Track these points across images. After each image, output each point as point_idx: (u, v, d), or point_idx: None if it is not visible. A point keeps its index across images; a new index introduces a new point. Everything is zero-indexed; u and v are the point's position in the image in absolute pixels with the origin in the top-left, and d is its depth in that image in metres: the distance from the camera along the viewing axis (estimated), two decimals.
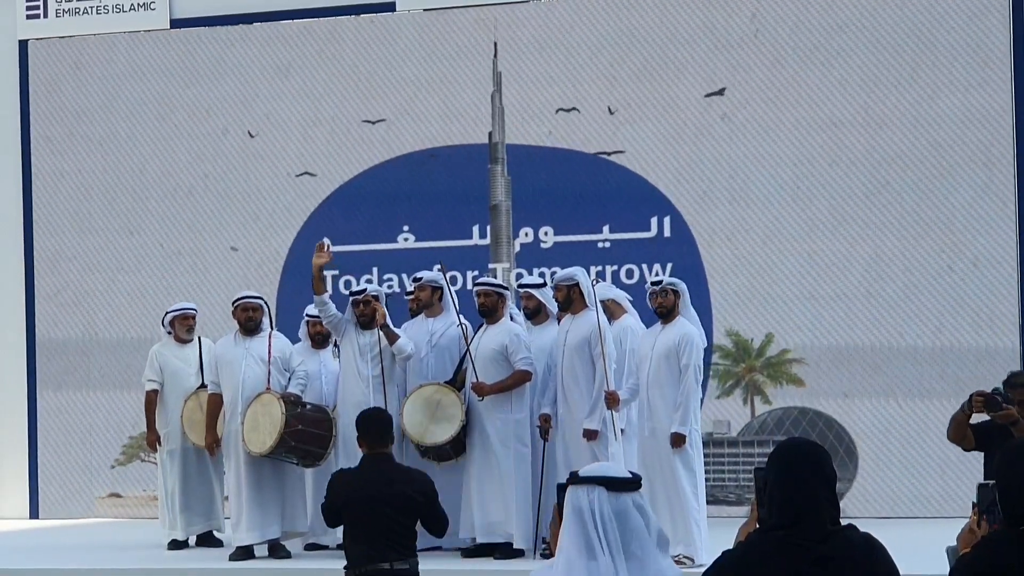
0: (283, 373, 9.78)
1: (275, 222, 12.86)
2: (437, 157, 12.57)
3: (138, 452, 12.85)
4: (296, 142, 12.88)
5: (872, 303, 11.62)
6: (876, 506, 11.45)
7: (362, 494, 6.54)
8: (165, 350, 10.56)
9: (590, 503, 3.39)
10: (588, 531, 3.36)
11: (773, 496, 3.53)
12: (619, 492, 3.41)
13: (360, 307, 9.52)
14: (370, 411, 7.05)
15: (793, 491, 3.52)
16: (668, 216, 12.03)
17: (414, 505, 6.59)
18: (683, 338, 8.90)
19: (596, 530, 3.36)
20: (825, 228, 11.73)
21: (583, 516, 3.38)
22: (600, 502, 3.38)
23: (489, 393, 9.24)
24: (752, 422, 11.83)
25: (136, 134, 13.16)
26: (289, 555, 9.70)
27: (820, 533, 3.50)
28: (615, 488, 3.41)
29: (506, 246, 12.34)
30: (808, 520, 3.49)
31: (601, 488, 3.40)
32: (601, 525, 3.36)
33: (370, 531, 6.51)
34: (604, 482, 3.41)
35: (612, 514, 3.38)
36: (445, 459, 9.38)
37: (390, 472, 6.68)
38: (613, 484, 3.41)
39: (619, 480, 3.43)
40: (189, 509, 10.33)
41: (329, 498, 6.72)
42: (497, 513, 9.17)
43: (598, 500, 3.39)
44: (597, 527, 3.36)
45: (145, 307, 12.80)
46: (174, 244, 13.02)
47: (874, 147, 11.68)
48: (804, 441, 3.73)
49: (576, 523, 3.38)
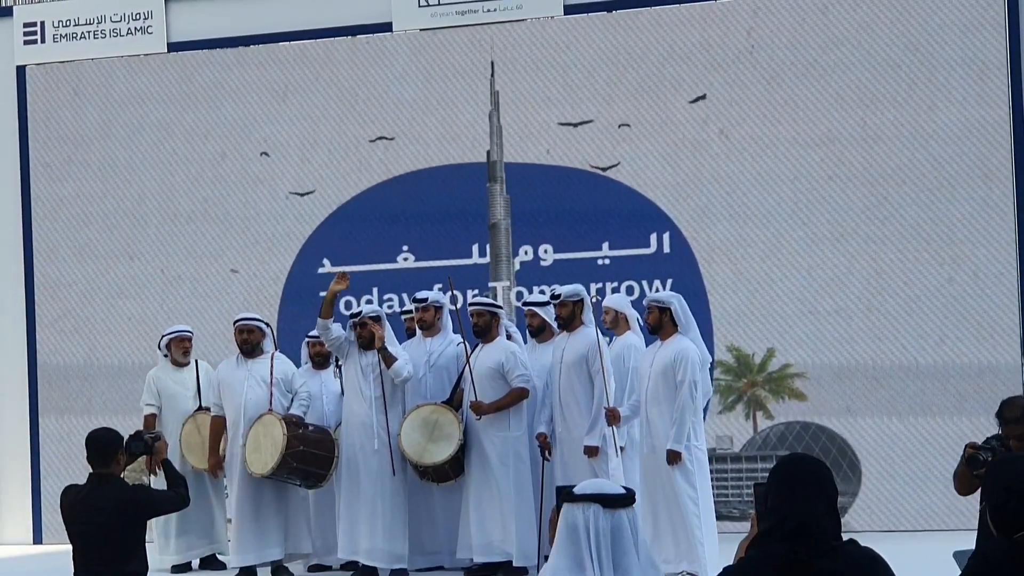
0: (285, 395, 9.77)
1: (275, 244, 12.86)
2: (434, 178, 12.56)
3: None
4: (294, 164, 12.88)
5: (873, 317, 11.61)
6: (880, 520, 11.42)
7: (81, 509, 6.62)
8: (162, 374, 10.55)
9: (585, 520, 3.40)
10: (580, 548, 3.38)
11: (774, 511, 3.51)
12: (614, 509, 3.42)
13: (359, 329, 9.51)
14: (94, 432, 6.89)
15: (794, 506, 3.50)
16: (668, 232, 12.03)
17: (126, 517, 6.59)
18: (679, 354, 8.88)
19: (589, 547, 3.37)
20: (825, 243, 11.72)
21: (577, 533, 3.39)
22: (595, 519, 3.40)
23: (487, 412, 9.22)
24: (755, 437, 11.80)
25: (135, 159, 13.16)
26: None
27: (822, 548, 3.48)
28: (610, 505, 3.42)
29: (506, 264, 12.33)
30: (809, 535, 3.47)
31: (597, 506, 3.41)
32: (595, 542, 3.37)
33: (84, 547, 6.61)
34: (600, 499, 3.42)
35: (608, 531, 3.37)
36: (444, 480, 9.37)
37: (111, 492, 6.63)
38: (608, 501, 3.42)
39: (614, 497, 3.43)
40: (187, 533, 10.30)
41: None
42: (495, 532, 9.15)
43: (593, 517, 3.40)
44: (591, 544, 3.37)
45: (146, 332, 12.78)
46: (175, 269, 13.02)
47: (872, 162, 11.68)
48: (805, 456, 3.71)
49: (569, 540, 3.39)
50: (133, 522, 6.64)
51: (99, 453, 6.69)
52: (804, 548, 3.43)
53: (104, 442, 6.72)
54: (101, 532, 6.56)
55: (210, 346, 11.83)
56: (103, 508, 6.56)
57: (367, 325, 9.44)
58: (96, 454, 6.70)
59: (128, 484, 6.79)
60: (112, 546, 6.56)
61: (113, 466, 6.68)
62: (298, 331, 11.16)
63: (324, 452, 9.47)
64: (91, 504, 6.60)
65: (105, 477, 6.65)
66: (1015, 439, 6.55)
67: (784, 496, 3.52)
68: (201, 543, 10.37)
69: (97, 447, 6.71)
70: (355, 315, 9.64)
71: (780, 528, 3.47)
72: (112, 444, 6.71)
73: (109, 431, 6.84)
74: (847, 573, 3.47)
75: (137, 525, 6.65)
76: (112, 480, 6.66)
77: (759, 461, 11.69)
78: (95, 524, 6.56)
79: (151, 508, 6.81)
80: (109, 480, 6.65)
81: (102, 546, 6.56)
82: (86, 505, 6.62)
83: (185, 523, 10.26)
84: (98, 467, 6.69)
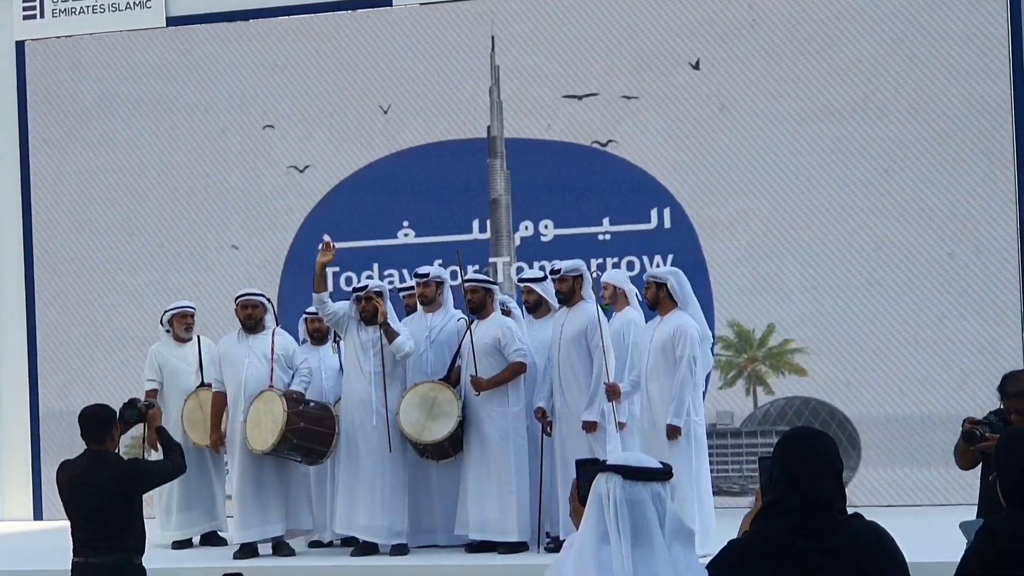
0: (286, 371, 9.76)
1: (276, 219, 12.84)
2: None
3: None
4: (295, 139, 12.85)
5: (874, 292, 11.59)
6: (879, 495, 11.43)
7: (78, 486, 6.61)
8: (164, 349, 10.55)
9: (608, 490, 3.45)
10: (604, 517, 3.43)
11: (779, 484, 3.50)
12: (635, 481, 3.45)
13: (362, 303, 9.49)
14: (87, 409, 6.84)
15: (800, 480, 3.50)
16: (668, 208, 12.01)
17: (122, 492, 6.58)
18: (677, 329, 8.87)
19: (609, 516, 3.43)
20: (826, 217, 11.70)
21: (601, 502, 3.44)
22: (614, 489, 3.43)
23: (487, 388, 9.22)
24: (755, 412, 11.81)
25: (135, 134, 13.14)
26: (293, 552, 9.69)
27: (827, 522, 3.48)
28: (631, 477, 3.46)
29: (506, 240, 12.32)
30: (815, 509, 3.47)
31: (617, 476, 3.45)
32: (614, 512, 3.42)
33: (83, 523, 6.61)
34: (621, 470, 3.46)
35: (624, 502, 3.40)
36: (444, 457, 9.37)
37: (106, 468, 6.61)
38: (630, 473, 3.46)
39: (636, 470, 3.48)
40: (190, 509, 10.31)
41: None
42: (492, 510, 9.14)
43: (613, 488, 3.44)
44: (615, 515, 3.42)
45: (146, 308, 12.77)
46: (175, 244, 13.01)
47: (874, 136, 11.65)
48: (812, 430, 3.71)
49: (595, 508, 3.45)
50: (130, 497, 6.63)
51: (93, 430, 6.67)
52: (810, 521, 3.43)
53: (98, 419, 6.70)
54: (98, 509, 6.55)
55: (210, 322, 11.82)
56: (99, 485, 6.55)
57: (372, 299, 9.41)
58: (90, 431, 6.68)
59: (123, 460, 6.77)
60: (110, 522, 6.55)
61: (108, 442, 6.67)
62: (299, 307, 11.15)
63: (325, 429, 9.46)
64: (87, 481, 6.59)
65: (100, 454, 6.63)
66: (1015, 413, 6.51)
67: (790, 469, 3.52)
68: (203, 520, 10.38)
69: (91, 424, 6.69)
70: (359, 289, 9.62)
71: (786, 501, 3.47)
72: (106, 420, 6.69)
73: (102, 407, 6.81)
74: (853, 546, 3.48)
75: (134, 500, 6.64)
76: (107, 456, 6.64)
77: (759, 436, 11.70)
78: (92, 501, 6.55)
79: (147, 480, 6.79)
80: (104, 456, 6.63)
81: (100, 523, 6.55)
82: (82, 482, 6.61)
83: (187, 499, 10.27)
84: (93, 444, 6.67)
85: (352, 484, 9.37)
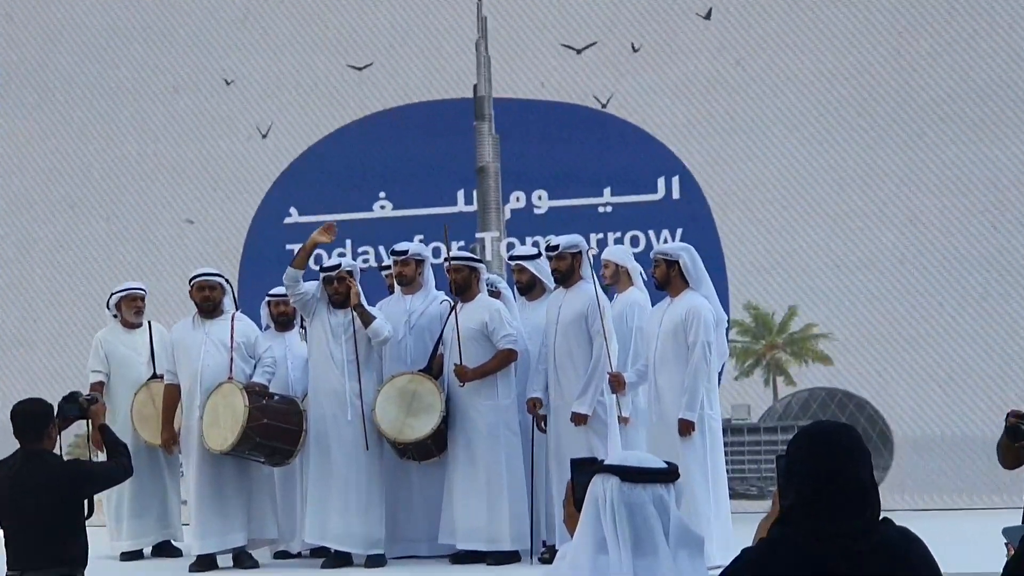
0: (247, 360, 9.74)
1: (235, 190, 12.83)
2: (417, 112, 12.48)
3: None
4: (257, 99, 12.83)
5: (908, 270, 11.60)
6: (914, 498, 11.45)
7: (10, 491, 6.55)
8: (111, 336, 10.52)
9: (604, 492, 3.45)
10: (601, 523, 3.43)
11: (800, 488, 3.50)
12: (634, 483, 3.45)
13: (334, 284, 9.47)
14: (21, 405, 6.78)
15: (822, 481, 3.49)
16: (677, 176, 12.01)
17: (61, 497, 6.53)
18: (690, 313, 8.83)
19: (606, 523, 3.43)
20: (854, 186, 11.70)
21: (597, 506, 3.44)
22: (611, 492, 3.44)
23: (473, 378, 9.21)
24: (774, 406, 11.82)
25: (76, 95, 13.10)
26: (256, 565, 9.67)
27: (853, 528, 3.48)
28: (631, 478, 3.45)
29: (495, 213, 12.32)
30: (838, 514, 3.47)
31: (615, 478, 3.45)
32: (612, 518, 3.42)
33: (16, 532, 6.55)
34: (619, 471, 3.46)
35: (623, 506, 3.41)
36: (427, 457, 9.35)
37: (43, 470, 6.56)
38: (629, 474, 3.46)
39: (636, 470, 3.47)
40: (141, 516, 10.29)
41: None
42: (479, 516, 9.14)
43: (609, 490, 3.44)
44: (606, 520, 3.42)
45: (91, 291, 12.75)
46: (122, 219, 12.99)
47: (907, 95, 11.64)
48: (835, 423, 3.70)
49: (592, 514, 3.45)
50: (70, 502, 6.57)
51: (28, 427, 6.61)
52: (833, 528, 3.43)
53: (33, 415, 6.65)
54: (35, 516, 6.51)
55: (163, 306, 11.80)
56: (35, 489, 6.50)
57: (344, 279, 9.40)
58: (24, 428, 6.62)
59: (62, 460, 6.70)
60: (48, 531, 6.50)
61: (45, 441, 6.63)
62: (262, 289, 11.13)
63: (291, 425, 9.43)
64: (21, 484, 6.53)
65: (36, 454, 6.59)
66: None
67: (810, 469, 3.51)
68: (156, 528, 10.37)
69: (25, 420, 6.63)
70: (328, 268, 9.60)
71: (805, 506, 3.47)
72: (42, 417, 6.64)
73: (38, 402, 6.75)
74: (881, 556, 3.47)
75: (75, 505, 6.59)
76: (44, 457, 6.60)
77: (779, 432, 11.72)
78: (27, 507, 6.50)
79: (90, 484, 6.73)
80: (41, 457, 6.59)
81: (36, 531, 6.50)
82: (15, 485, 6.54)
83: (138, 505, 10.25)
84: (27, 443, 6.63)
85: (324, 487, 9.36)
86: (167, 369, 9.92)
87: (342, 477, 9.32)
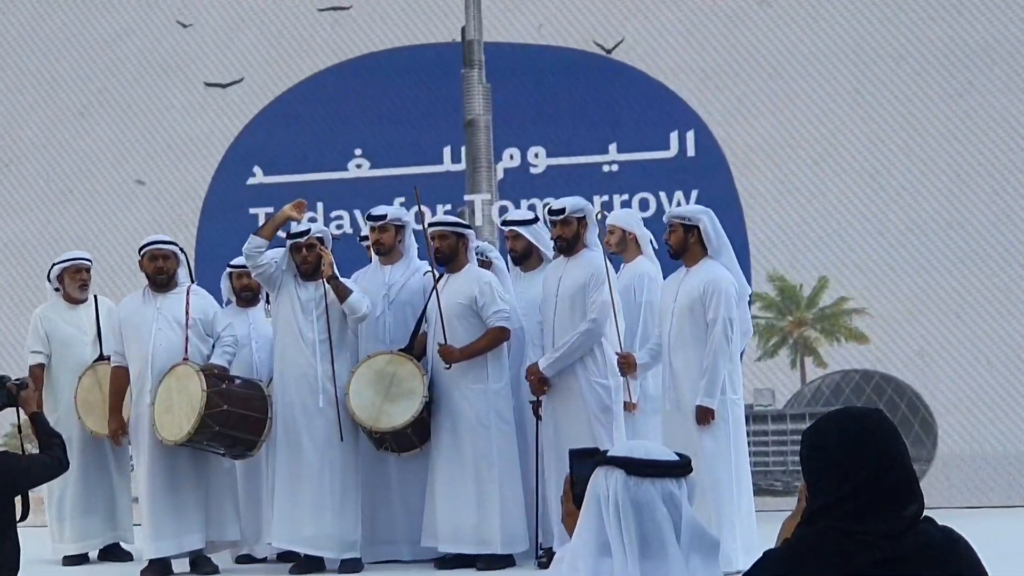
0: (205, 339, 9.73)
1: (191, 147, 12.82)
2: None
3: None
4: (216, 44, 12.80)
5: (953, 236, 11.60)
6: (959, 494, 11.46)
7: None
8: (52, 313, 10.52)
9: (607, 487, 3.42)
10: (602, 523, 3.40)
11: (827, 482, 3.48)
12: (642, 478, 3.41)
13: (303, 252, 9.45)
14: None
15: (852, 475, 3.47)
16: (692, 130, 12.01)
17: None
18: (710, 285, 8.79)
19: (609, 522, 3.40)
20: (893, 142, 11.70)
21: (599, 503, 3.42)
22: (615, 487, 3.41)
23: (460, 359, 9.20)
24: (803, 390, 11.84)
25: (9, 37, 13.07)
26: (216, 570, 9.68)
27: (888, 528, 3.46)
28: (637, 472, 3.41)
29: (486, 172, 12.32)
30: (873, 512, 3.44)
31: (620, 471, 3.42)
32: (615, 516, 3.39)
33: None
34: (624, 464, 3.43)
35: (628, 503, 3.39)
36: (407, 448, 9.34)
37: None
38: (635, 467, 3.42)
39: (643, 463, 3.43)
40: (87, 515, 10.31)
41: None
42: (467, 515, 9.13)
43: (614, 486, 3.41)
44: (609, 518, 3.39)
45: (29, 261, 12.76)
46: (63, 180, 12.99)
47: (953, 39, 11.63)
48: (866, 410, 3.68)
49: (593, 512, 3.43)
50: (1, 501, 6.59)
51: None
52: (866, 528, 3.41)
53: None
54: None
55: (109, 279, 11.81)
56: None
57: (314, 247, 9.39)
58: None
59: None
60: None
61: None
62: (222, 259, 11.13)
63: (254, 412, 9.42)
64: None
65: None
66: None
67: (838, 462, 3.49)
68: (102, 529, 10.38)
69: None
70: (296, 235, 9.57)
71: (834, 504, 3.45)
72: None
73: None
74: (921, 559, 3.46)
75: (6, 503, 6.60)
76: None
77: (807, 420, 11.71)
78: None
79: (24, 479, 6.74)
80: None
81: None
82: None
83: (83, 503, 10.26)
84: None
85: (292, 484, 9.34)
86: (114, 350, 9.92)
87: (313, 472, 9.31)
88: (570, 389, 9.06)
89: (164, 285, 9.80)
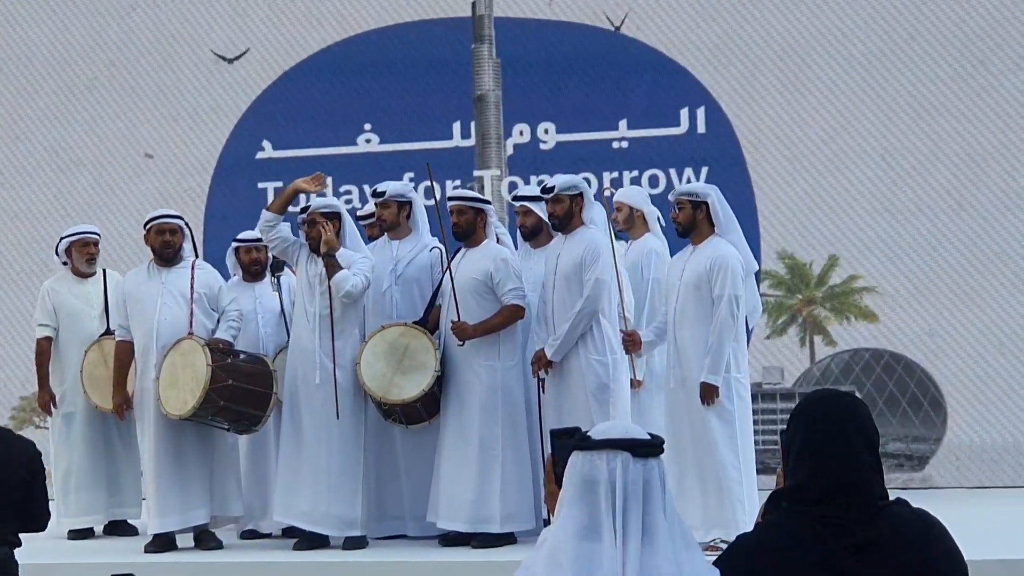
0: (210, 314, 9.74)
1: (200, 121, 12.82)
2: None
3: (31, 416, 12.86)
4: (224, 17, 12.79)
5: (964, 215, 11.58)
6: (968, 474, 11.45)
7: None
8: (60, 287, 10.53)
9: (610, 473, 3.37)
10: (599, 508, 3.36)
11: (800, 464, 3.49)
12: (646, 458, 3.40)
13: (307, 228, 9.48)
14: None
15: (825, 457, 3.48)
16: (702, 107, 11.99)
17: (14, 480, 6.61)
18: (716, 262, 8.80)
19: (612, 507, 3.36)
20: (904, 120, 11.67)
21: (597, 489, 3.37)
22: (624, 471, 3.37)
23: (473, 336, 9.19)
24: (811, 369, 11.82)
25: (19, 10, 13.07)
26: (220, 545, 9.69)
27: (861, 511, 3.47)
28: (642, 454, 3.39)
29: (496, 148, 12.31)
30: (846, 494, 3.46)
31: (626, 454, 3.38)
32: (622, 501, 3.35)
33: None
34: (629, 446, 3.39)
35: (640, 485, 3.35)
36: (415, 421, 9.33)
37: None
38: (639, 448, 3.40)
39: (644, 443, 3.41)
40: (93, 489, 10.33)
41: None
42: (465, 493, 9.11)
43: (621, 469, 3.37)
44: (616, 504, 3.35)
45: (38, 234, 12.77)
46: (71, 152, 12.99)
47: (964, 18, 11.59)
48: (837, 392, 3.69)
49: (583, 498, 3.38)
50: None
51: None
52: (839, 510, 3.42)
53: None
54: None
55: (118, 252, 11.83)
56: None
57: (316, 222, 9.39)
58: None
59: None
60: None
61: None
62: (229, 233, 11.14)
63: (259, 387, 9.43)
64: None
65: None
66: None
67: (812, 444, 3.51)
68: (108, 503, 10.41)
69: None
70: (304, 210, 9.59)
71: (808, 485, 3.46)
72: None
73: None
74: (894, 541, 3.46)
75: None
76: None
77: None
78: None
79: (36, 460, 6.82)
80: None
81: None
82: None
83: (91, 478, 10.29)
84: None
85: (294, 460, 9.35)
86: (119, 324, 9.92)
87: (312, 448, 9.30)
88: (569, 367, 9.05)
89: (170, 259, 9.81)
